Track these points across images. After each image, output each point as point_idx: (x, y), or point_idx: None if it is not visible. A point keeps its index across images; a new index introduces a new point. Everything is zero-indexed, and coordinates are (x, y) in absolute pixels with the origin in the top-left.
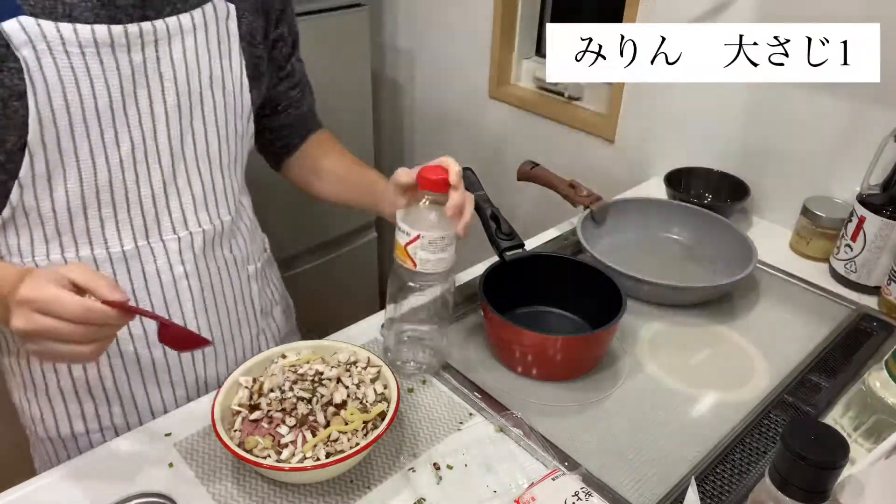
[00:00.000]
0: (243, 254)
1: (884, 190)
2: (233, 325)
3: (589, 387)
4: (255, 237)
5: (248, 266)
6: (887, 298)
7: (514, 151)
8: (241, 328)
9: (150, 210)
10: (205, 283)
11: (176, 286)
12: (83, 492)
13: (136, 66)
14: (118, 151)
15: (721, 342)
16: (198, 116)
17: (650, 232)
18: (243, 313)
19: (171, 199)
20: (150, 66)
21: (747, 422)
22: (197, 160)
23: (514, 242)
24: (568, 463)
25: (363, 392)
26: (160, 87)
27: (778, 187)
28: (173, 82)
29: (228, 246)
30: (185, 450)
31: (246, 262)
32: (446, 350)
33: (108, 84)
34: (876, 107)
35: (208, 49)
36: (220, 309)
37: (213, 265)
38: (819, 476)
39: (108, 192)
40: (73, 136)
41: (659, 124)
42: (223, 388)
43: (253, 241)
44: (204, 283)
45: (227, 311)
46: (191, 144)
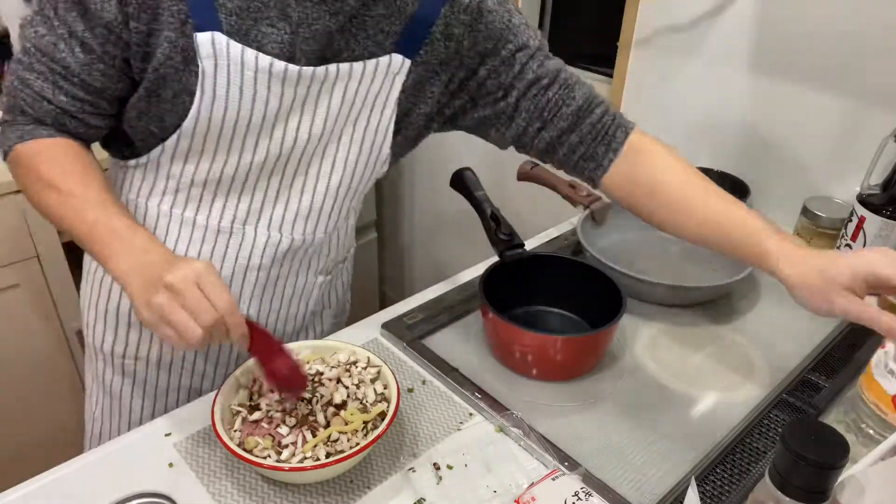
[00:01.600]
0: (320, 265)
1: (884, 190)
2: (279, 320)
3: (589, 387)
4: (342, 248)
5: (320, 276)
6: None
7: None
8: (286, 323)
9: (258, 205)
10: (270, 279)
11: (246, 273)
12: (83, 492)
13: (298, 97)
14: (252, 157)
15: (721, 342)
16: (332, 146)
17: (650, 232)
18: (294, 311)
19: (278, 202)
20: (309, 100)
21: (747, 422)
22: (317, 179)
23: (514, 242)
24: (568, 463)
25: (363, 392)
26: (311, 118)
27: (778, 187)
28: (324, 118)
29: (311, 256)
30: (185, 450)
31: (318, 272)
32: None
33: (266, 106)
34: (876, 107)
35: (366, 95)
36: (274, 302)
37: (286, 268)
38: (819, 476)
39: (229, 181)
40: (219, 139)
41: (659, 124)
42: (223, 388)
43: (338, 252)
44: (270, 280)
45: (280, 308)
46: (316, 165)
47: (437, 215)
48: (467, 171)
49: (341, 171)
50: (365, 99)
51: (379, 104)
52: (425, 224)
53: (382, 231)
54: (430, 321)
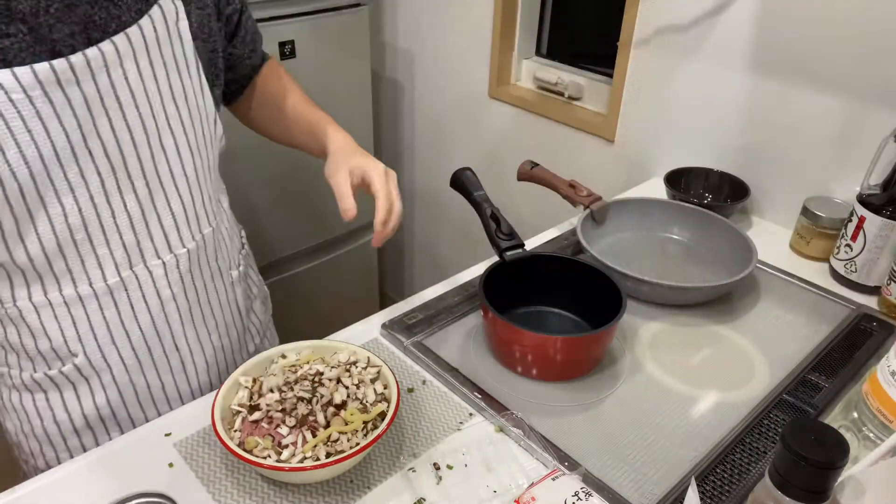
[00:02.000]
0: (226, 260)
1: (884, 190)
2: (220, 332)
3: (589, 387)
4: (234, 235)
5: (232, 272)
6: (887, 298)
7: (514, 151)
8: (227, 332)
9: (131, 240)
10: (191, 299)
11: (164, 309)
12: (83, 492)
13: (91, 98)
14: (87, 189)
15: (721, 342)
16: (166, 134)
17: (650, 232)
18: (230, 317)
19: (151, 224)
20: (105, 95)
21: (747, 422)
22: (174, 178)
23: (514, 242)
24: (568, 463)
25: (363, 392)
26: (120, 113)
27: (778, 187)
28: (134, 106)
29: (214, 256)
30: (185, 450)
31: (229, 268)
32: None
33: (62, 123)
34: (876, 107)
35: (164, 62)
36: (208, 320)
37: (199, 280)
38: (819, 476)
39: (82, 230)
40: (37, 187)
41: (659, 124)
42: (223, 388)
43: (233, 241)
44: (191, 300)
45: (215, 321)
46: (164, 164)
47: (437, 215)
48: (467, 171)
49: (189, 155)
50: (166, 70)
51: (182, 67)
52: (425, 224)
53: None
54: (430, 321)
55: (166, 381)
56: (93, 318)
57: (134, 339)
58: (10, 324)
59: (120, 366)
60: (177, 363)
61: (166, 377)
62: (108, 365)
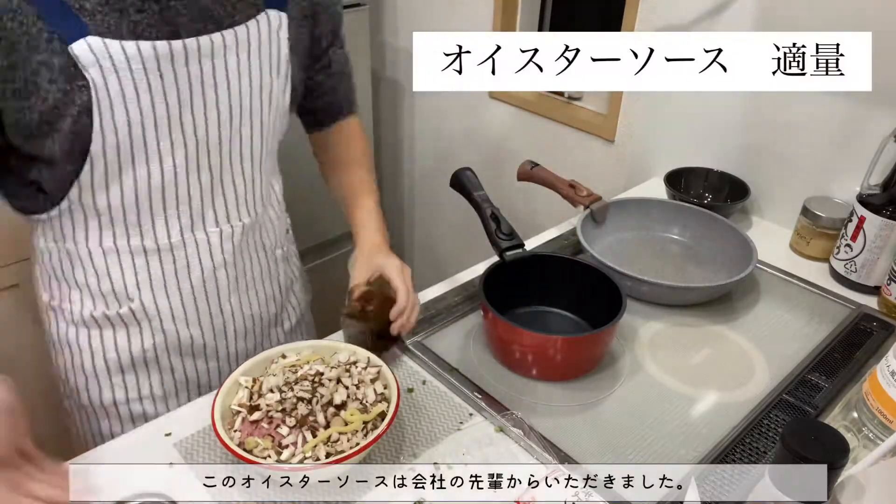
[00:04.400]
0: (272, 240)
1: (884, 190)
2: (260, 304)
3: (589, 387)
4: (282, 219)
5: (276, 251)
6: (887, 298)
7: (514, 151)
8: (267, 306)
9: (198, 207)
10: (239, 269)
11: (215, 274)
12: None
13: (194, 78)
14: (172, 159)
15: (721, 342)
16: (246, 122)
17: (650, 232)
18: (269, 292)
19: (216, 197)
20: (206, 78)
21: (747, 422)
22: (241, 160)
23: (514, 242)
24: (568, 463)
25: (363, 392)
26: (214, 96)
27: (778, 187)
28: (227, 93)
29: (261, 234)
30: (185, 450)
31: (274, 248)
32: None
33: (166, 98)
34: (876, 107)
35: (260, 59)
36: (250, 291)
37: (247, 253)
38: None
39: (160, 192)
40: (132, 147)
41: (659, 124)
42: (223, 388)
43: (280, 223)
44: (238, 270)
45: (256, 293)
46: (238, 147)
47: (437, 215)
48: (467, 171)
49: (259, 143)
50: (260, 66)
51: (274, 67)
52: (425, 224)
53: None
54: (430, 321)
55: (207, 338)
56: (152, 269)
57: (185, 294)
58: (78, 263)
59: (169, 316)
60: (219, 324)
61: (208, 335)
62: (159, 313)
